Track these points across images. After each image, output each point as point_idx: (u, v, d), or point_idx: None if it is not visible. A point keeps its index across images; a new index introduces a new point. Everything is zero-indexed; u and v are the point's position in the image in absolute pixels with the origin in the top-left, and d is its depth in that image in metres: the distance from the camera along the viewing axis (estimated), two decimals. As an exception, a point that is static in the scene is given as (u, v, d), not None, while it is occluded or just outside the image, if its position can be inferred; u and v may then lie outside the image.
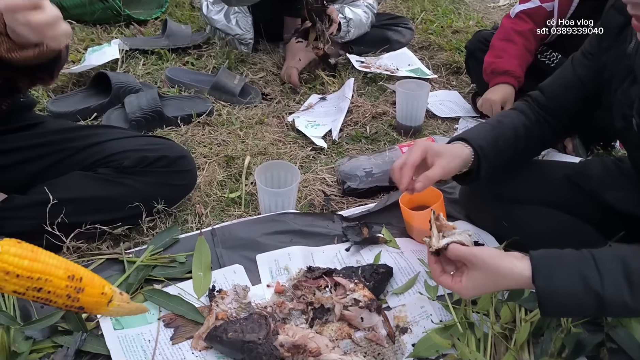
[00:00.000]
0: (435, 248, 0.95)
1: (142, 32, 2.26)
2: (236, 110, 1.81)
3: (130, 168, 1.21)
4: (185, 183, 1.31)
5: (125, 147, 1.23)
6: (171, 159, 1.25)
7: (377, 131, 1.73)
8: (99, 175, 1.19)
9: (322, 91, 1.97)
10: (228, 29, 2.12)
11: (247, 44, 2.14)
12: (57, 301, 0.78)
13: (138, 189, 1.22)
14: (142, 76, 1.93)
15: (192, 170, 1.32)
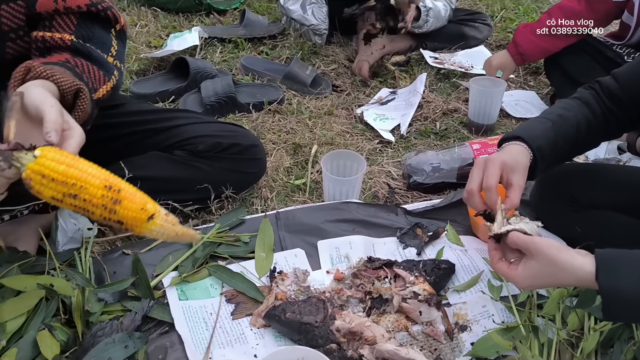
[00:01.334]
0: (495, 233, 0.92)
1: (221, 21, 2.33)
2: (306, 100, 1.83)
3: (204, 152, 1.25)
4: (254, 171, 1.35)
5: (201, 132, 1.28)
6: (243, 147, 1.29)
7: (447, 128, 1.70)
8: (174, 157, 1.24)
9: (392, 85, 1.95)
10: (303, 19, 2.14)
11: (321, 34, 2.16)
12: (94, 212, 0.75)
13: (210, 173, 1.26)
14: (218, 63, 2.00)
15: (262, 159, 1.35)
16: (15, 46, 1.02)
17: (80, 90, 0.93)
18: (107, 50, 1.07)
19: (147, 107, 1.35)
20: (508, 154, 1.01)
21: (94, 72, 1.02)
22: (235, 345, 0.99)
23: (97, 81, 1.02)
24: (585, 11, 1.65)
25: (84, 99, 0.94)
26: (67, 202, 0.75)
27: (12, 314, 0.92)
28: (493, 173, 0.96)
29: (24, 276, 0.97)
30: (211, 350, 0.97)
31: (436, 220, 1.29)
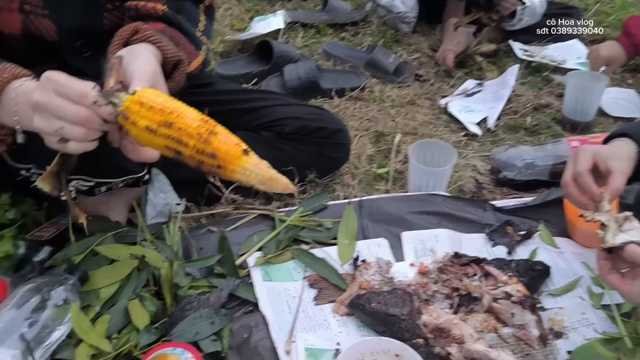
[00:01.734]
0: (609, 245, 0.85)
1: (304, 6, 2.32)
2: (388, 89, 1.78)
3: (291, 134, 1.24)
4: (338, 156, 1.33)
5: (288, 114, 1.27)
6: (329, 131, 1.27)
7: (539, 123, 1.61)
8: (261, 137, 1.24)
9: (479, 77, 1.88)
10: (391, 6, 2.10)
11: (409, 22, 2.11)
12: (187, 142, 0.71)
13: (295, 155, 1.25)
14: (300, 48, 1.98)
15: (347, 144, 1.33)
16: (111, 16, 1.03)
17: (180, 62, 0.93)
18: (195, 25, 1.07)
19: (235, 87, 1.36)
20: (605, 146, 0.95)
21: (186, 45, 1.02)
22: (318, 331, 0.97)
23: (189, 54, 1.02)
24: None
25: (182, 70, 0.94)
26: (162, 132, 0.71)
27: (106, 282, 0.94)
28: (583, 159, 0.93)
29: (118, 245, 0.99)
30: (294, 333, 0.96)
31: (528, 219, 1.22)
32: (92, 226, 1.04)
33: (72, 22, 0.97)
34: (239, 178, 0.73)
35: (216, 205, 1.25)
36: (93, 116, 0.72)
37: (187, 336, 0.88)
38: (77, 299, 0.89)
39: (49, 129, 0.72)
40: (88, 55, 1.02)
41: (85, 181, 0.99)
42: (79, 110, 0.71)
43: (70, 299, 0.87)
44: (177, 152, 0.72)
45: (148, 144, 0.74)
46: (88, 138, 0.73)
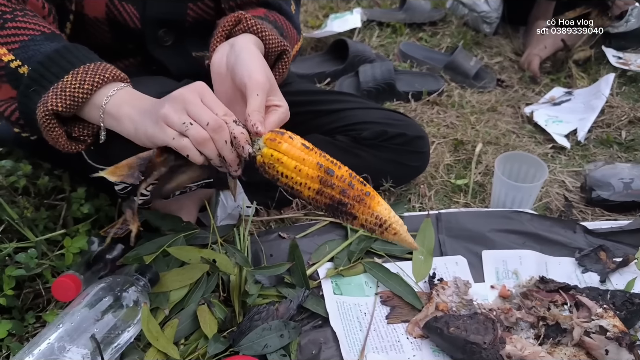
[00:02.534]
0: None
1: (379, 4, 2.25)
2: (468, 94, 1.69)
3: (368, 140, 1.18)
4: (417, 164, 1.26)
5: (366, 118, 1.21)
6: (409, 138, 1.20)
7: (635, 138, 1.47)
8: (336, 142, 1.19)
9: (567, 85, 1.75)
10: (474, 5, 2.00)
11: (491, 22, 2.00)
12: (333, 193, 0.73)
13: (371, 162, 1.19)
14: (375, 47, 1.92)
15: (427, 152, 1.25)
16: (196, 8, 1.01)
17: (285, 52, 0.90)
18: (289, 5, 1.04)
19: (313, 88, 1.31)
20: None
21: (289, 29, 0.99)
22: (390, 353, 0.92)
23: (292, 40, 0.99)
24: None
25: (286, 61, 0.92)
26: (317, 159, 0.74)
27: (176, 285, 0.92)
28: None
29: (189, 247, 0.97)
30: (365, 353, 0.90)
31: (623, 245, 1.11)
32: (165, 225, 1.03)
33: (156, 9, 0.96)
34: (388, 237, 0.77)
35: (286, 209, 1.22)
36: (225, 131, 0.72)
37: (256, 348, 0.85)
38: (147, 300, 0.88)
39: (176, 120, 0.70)
40: (169, 44, 1.01)
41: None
42: (217, 119, 0.71)
43: (141, 301, 0.86)
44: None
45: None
46: (206, 146, 0.71)
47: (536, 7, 1.97)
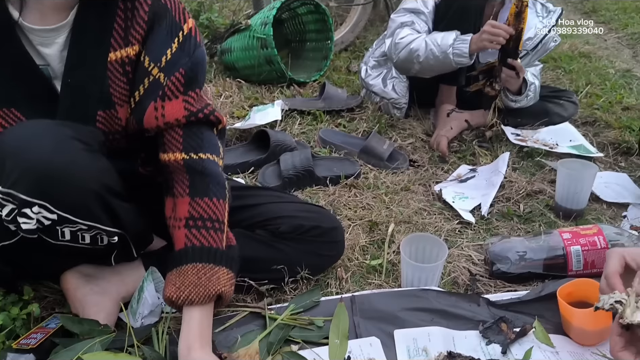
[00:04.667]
0: (627, 322, 0.84)
1: (301, 93, 2.40)
2: (383, 175, 1.81)
3: (286, 234, 1.25)
4: (333, 254, 1.33)
5: (282, 212, 1.28)
6: (324, 229, 1.28)
7: (532, 210, 1.62)
8: (256, 235, 1.25)
9: (472, 162, 1.91)
10: (384, 92, 2.17)
11: (400, 108, 2.17)
12: None
13: (289, 254, 1.25)
14: (297, 135, 2.04)
15: (342, 241, 1.33)
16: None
17: (220, 296, 1.04)
18: (217, 152, 1.11)
19: (232, 184, 1.38)
20: (634, 248, 0.96)
21: (217, 209, 1.08)
22: None
23: (219, 238, 1.07)
24: None
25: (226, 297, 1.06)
26: None
27: (90, 392, 0.92)
28: (611, 262, 0.95)
29: (105, 353, 0.98)
30: None
31: (522, 315, 1.20)
32: (81, 330, 1.04)
33: None
34: None
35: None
36: None
37: None
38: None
39: None
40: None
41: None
42: None
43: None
44: None
45: None
46: None
47: (440, 92, 2.16)
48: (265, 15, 2.34)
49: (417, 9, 1.99)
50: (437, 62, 1.90)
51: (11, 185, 0.87)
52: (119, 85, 1.04)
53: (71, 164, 0.90)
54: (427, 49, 1.89)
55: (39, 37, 0.98)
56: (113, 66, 1.02)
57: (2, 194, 0.88)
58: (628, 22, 3.56)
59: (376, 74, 2.22)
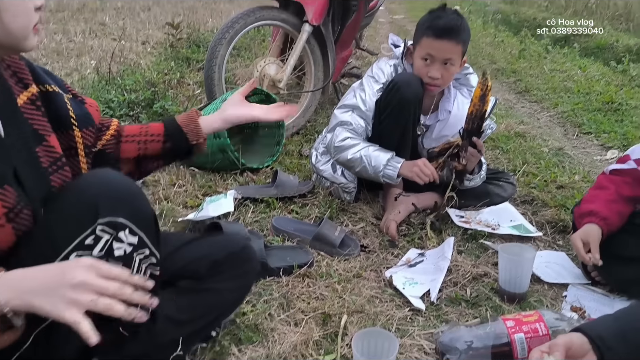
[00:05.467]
0: None
1: (254, 180, 2.46)
2: (335, 262, 1.85)
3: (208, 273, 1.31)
4: (252, 270, 1.40)
5: (195, 253, 1.34)
6: (237, 253, 1.35)
7: (479, 294, 1.68)
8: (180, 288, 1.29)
9: (420, 246, 1.98)
10: (333, 177, 2.25)
11: (350, 192, 2.25)
12: None
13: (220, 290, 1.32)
14: (250, 224, 2.07)
15: (255, 257, 1.42)
16: (60, 176, 1.14)
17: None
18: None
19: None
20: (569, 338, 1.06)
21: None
22: None
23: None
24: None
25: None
26: None
27: None
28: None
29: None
30: None
31: (473, 406, 1.23)
32: None
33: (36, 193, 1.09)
34: None
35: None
36: (126, 290, 0.93)
37: None
38: None
39: (85, 302, 0.89)
40: None
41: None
42: (116, 287, 0.92)
43: None
44: None
45: None
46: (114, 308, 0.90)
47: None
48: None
49: (356, 105, 2.12)
50: (370, 176, 2.08)
51: (110, 213, 1.02)
52: (38, 120, 1.14)
53: (139, 188, 1.11)
54: (361, 164, 2.05)
55: None
56: (25, 107, 1.12)
57: (103, 224, 1.01)
58: (558, 101, 3.86)
59: (325, 159, 2.31)
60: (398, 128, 2.09)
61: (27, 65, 1.16)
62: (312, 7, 2.85)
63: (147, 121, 2.98)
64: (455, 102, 2.19)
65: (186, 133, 1.41)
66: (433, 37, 2.01)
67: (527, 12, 8.72)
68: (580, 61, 5.19)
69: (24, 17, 1.02)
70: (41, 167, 1.10)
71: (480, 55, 5.71)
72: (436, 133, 2.19)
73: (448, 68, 2.05)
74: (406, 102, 2.03)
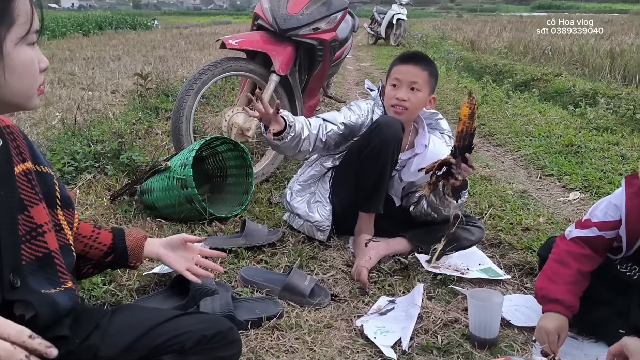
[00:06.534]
0: None
1: (223, 229, 2.43)
2: (305, 313, 1.82)
3: (192, 349, 1.24)
4: (236, 352, 1.34)
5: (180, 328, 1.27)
6: (224, 333, 1.29)
7: (450, 342, 1.66)
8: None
9: (390, 292, 1.97)
10: (308, 216, 2.27)
11: (323, 230, 2.26)
12: None
13: None
14: (218, 275, 2.03)
15: (239, 339, 1.36)
16: (31, 246, 1.14)
17: None
18: None
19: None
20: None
21: None
22: None
23: None
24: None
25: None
26: None
27: None
28: None
29: None
30: None
31: None
32: None
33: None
34: None
35: None
36: (18, 354, 0.80)
37: None
38: None
39: None
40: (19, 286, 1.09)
41: None
42: (7, 348, 0.79)
43: None
44: None
45: None
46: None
47: (359, 220, 2.26)
48: (184, 157, 2.42)
49: (328, 118, 2.25)
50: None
51: None
52: (27, 191, 1.16)
53: None
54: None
55: None
56: (19, 177, 1.15)
57: None
58: (520, 144, 3.97)
59: (300, 197, 2.32)
60: (377, 166, 2.14)
61: (27, 145, 1.21)
62: (279, 58, 2.91)
63: (113, 172, 2.95)
64: (430, 139, 2.29)
65: (129, 255, 1.56)
66: (400, 63, 2.22)
67: (489, 58, 9.08)
68: (540, 105, 5.38)
69: (30, 78, 1.05)
70: (17, 235, 1.11)
71: (445, 101, 5.87)
72: (414, 167, 2.26)
73: (415, 93, 2.18)
74: (387, 142, 2.10)
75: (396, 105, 2.17)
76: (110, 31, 17.43)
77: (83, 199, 2.67)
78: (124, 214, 2.52)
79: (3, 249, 1.07)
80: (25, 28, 1.02)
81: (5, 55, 1.00)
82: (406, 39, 14.37)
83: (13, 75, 1.02)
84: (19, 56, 1.03)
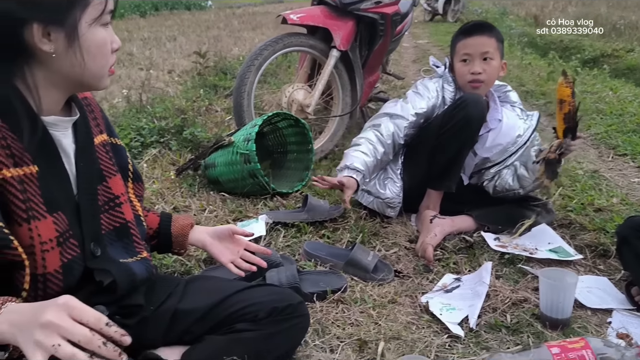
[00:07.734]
0: None
1: (284, 204, 2.45)
2: (369, 288, 1.82)
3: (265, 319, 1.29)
4: (305, 326, 1.40)
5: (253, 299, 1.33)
6: (294, 306, 1.34)
7: (519, 321, 1.62)
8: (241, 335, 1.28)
9: (456, 270, 1.93)
10: (378, 192, 2.25)
11: (394, 207, 2.25)
12: None
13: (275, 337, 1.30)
14: (282, 248, 2.06)
15: (308, 313, 1.41)
16: (109, 216, 1.20)
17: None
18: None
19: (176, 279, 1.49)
20: None
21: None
22: None
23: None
24: None
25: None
26: None
27: None
28: None
29: None
30: None
31: None
32: None
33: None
34: None
35: None
36: (95, 341, 0.82)
37: None
38: None
39: (48, 344, 0.80)
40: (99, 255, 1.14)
41: None
42: (86, 334, 0.83)
43: None
44: None
45: None
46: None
47: (427, 197, 2.23)
48: (247, 132, 2.44)
49: (395, 113, 2.21)
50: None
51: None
52: (106, 162, 1.22)
53: None
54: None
55: (57, 130, 1.09)
56: (98, 148, 1.20)
57: None
58: (590, 122, 3.78)
59: (373, 175, 2.30)
60: (456, 144, 2.09)
61: (103, 117, 1.27)
62: (340, 33, 2.88)
63: (177, 147, 3.02)
64: (503, 113, 2.23)
65: (173, 242, 1.55)
66: (465, 36, 2.16)
67: (554, 34, 8.66)
68: (611, 82, 5.10)
69: (102, 59, 1.08)
70: (97, 205, 1.16)
71: (508, 78, 5.65)
72: (490, 142, 2.21)
73: (489, 62, 2.14)
74: (470, 120, 2.06)
75: (474, 80, 2.12)
76: (166, 12, 17.71)
77: (149, 173, 2.76)
78: (189, 187, 2.59)
79: (83, 218, 1.11)
80: (99, 9, 1.03)
81: (80, 35, 1.01)
82: (465, 15, 13.90)
83: (87, 55, 1.04)
84: (93, 37, 1.04)
